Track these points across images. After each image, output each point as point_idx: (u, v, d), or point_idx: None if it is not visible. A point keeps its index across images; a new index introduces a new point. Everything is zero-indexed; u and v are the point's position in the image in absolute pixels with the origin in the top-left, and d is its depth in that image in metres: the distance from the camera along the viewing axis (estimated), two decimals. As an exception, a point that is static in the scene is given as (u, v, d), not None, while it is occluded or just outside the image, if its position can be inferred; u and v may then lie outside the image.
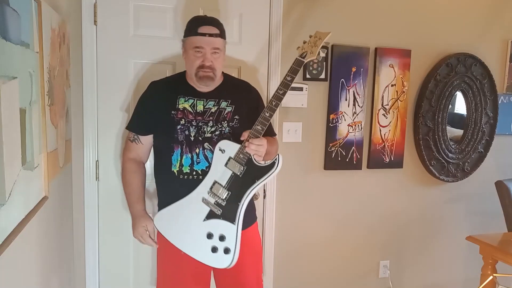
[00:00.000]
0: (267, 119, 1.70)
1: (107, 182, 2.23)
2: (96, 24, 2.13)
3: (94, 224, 2.23)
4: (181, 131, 1.77)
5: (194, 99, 1.81)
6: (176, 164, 1.78)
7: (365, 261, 2.78)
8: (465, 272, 3.04)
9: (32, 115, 1.26)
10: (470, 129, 2.88)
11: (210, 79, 1.76)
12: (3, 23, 0.98)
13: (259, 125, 1.69)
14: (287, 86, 1.71)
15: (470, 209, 2.99)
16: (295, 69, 1.72)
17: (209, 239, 1.69)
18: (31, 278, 1.35)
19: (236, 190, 1.70)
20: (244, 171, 1.70)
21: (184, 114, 1.78)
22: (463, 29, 2.80)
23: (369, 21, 2.58)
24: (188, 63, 1.79)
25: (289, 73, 1.71)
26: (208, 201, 1.71)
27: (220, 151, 1.73)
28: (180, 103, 1.79)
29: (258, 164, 1.71)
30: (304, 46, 1.77)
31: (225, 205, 1.70)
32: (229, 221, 1.70)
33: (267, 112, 1.69)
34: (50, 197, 1.50)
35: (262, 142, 1.69)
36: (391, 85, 2.64)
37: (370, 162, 2.65)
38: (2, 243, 0.98)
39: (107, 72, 2.16)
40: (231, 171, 1.70)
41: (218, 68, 1.77)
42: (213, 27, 1.76)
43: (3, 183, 0.97)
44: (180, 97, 1.80)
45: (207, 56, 1.74)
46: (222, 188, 1.70)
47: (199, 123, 1.78)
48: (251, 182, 1.70)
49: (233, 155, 1.71)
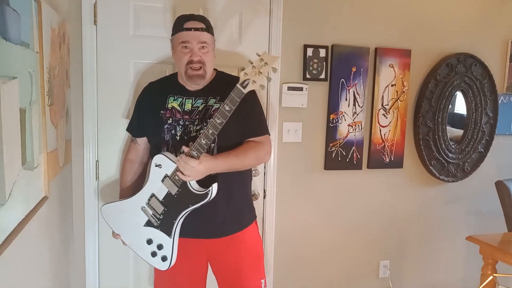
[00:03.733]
0: (209, 138, 1.57)
1: (107, 182, 2.23)
2: (96, 24, 2.13)
3: (94, 224, 2.23)
4: (167, 130, 1.76)
5: (183, 97, 1.79)
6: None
7: (365, 261, 2.78)
8: (465, 272, 3.04)
9: (32, 115, 1.26)
10: (470, 129, 2.88)
11: (199, 77, 1.73)
12: (3, 23, 0.98)
13: (203, 138, 1.57)
14: (224, 116, 1.55)
15: (470, 209, 2.99)
16: (233, 99, 1.55)
17: (148, 245, 1.73)
18: (31, 278, 1.35)
19: (172, 208, 1.67)
20: (179, 193, 1.64)
21: (172, 113, 1.77)
22: (463, 29, 2.80)
23: (369, 21, 2.58)
24: (177, 60, 1.78)
25: (227, 101, 1.54)
26: (146, 211, 1.72)
27: (157, 167, 1.67)
28: (169, 102, 1.79)
29: (191, 190, 1.62)
30: (247, 72, 1.55)
31: (162, 218, 1.69)
32: (165, 233, 1.70)
33: (203, 140, 1.56)
34: (50, 197, 1.50)
35: (194, 165, 1.55)
36: (391, 85, 2.64)
37: (370, 162, 2.65)
38: (2, 243, 0.98)
39: (107, 72, 2.16)
40: (167, 189, 1.66)
41: (207, 62, 1.74)
42: (198, 22, 1.75)
43: (3, 183, 0.97)
44: (170, 96, 1.80)
45: (194, 51, 1.72)
46: (158, 203, 1.68)
47: (186, 122, 1.75)
48: (186, 205, 1.64)
49: (170, 173, 1.65)
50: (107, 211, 1.83)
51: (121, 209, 1.79)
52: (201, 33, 1.73)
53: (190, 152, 1.57)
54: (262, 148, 1.79)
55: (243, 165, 1.73)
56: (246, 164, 1.73)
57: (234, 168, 1.69)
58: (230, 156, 1.67)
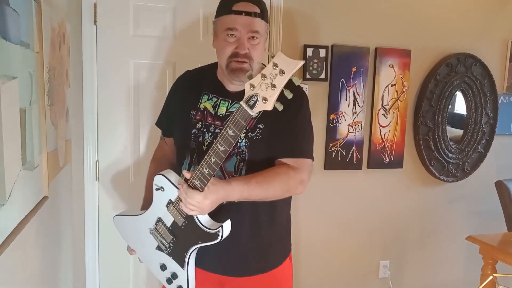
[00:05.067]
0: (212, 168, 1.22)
1: (107, 182, 2.23)
2: (96, 24, 2.13)
3: (94, 224, 2.23)
4: (194, 136, 1.44)
5: (218, 98, 1.45)
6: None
7: (365, 261, 2.78)
8: (465, 272, 3.04)
9: (32, 115, 1.26)
10: (470, 129, 2.88)
11: (244, 72, 1.34)
12: (3, 23, 0.97)
13: (206, 167, 1.22)
14: (229, 143, 1.19)
15: (470, 209, 2.99)
16: (238, 122, 1.16)
17: (162, 270, 1.45)
18: (31, 278, 1.35)
19: (181, 239, 1.36)
20: (186, 225, 1.33)
21: (203, 116, 1.45)
22: (463, 29, 2.80)
23: (369, 21, 2.58)
24: (219, 51, 1.43)
25: (231, 124, 1.17)
26: (155, 235, 1.43)
27: (158, 190, 1.37)
28: (202, 102, 1.47)
29: (199, 225, 1.30)
30: (255, 83, 1.12)
31: (172, 247, 1.39)
32: (178, 263, 1.40)
33: (205, 169, 1.22)
34: (50, 197, 1.50)
35: (198, 199, 1.22)
36: (391, 85, 2.64)
37: (370, 162, 2.65)
38: (2, 243, 0.98)
39: (107, 72, 2.16)
40: (173, 217, 1.36)
41: (256, 58, 1.39)
42: (251, 4, 1.38)
43: (3, 183, 0.97)
44: (204, 94, 1.48)
45: (242, 42, 1.36)
46: (166, 230, 1.38)
47: (216, 130, 1.42)
48: (195, 241, 1.32)
49: (174, 199, 1.34)
50: (120, 224, 1.56)
51: (132, 225, 1.50)
52: (254, 19, 1.37)
53: (193, 182, 1.25)
54: (294, 177, 1.37)
55: (265, 196, 1.34)
56: (269, 195, 1.34)
57: (253, 199, 1.32)
58: (249, 184, 1.29)
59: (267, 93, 1.11)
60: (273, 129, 1.37)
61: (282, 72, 1.09)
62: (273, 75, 1.10)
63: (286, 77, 1.09)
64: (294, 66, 1.08)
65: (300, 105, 1.41)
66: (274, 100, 1.11)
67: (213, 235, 1.28)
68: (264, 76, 1.11)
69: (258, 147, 1.37)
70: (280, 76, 1.09)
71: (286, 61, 1.09)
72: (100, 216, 2.23)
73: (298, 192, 1.41)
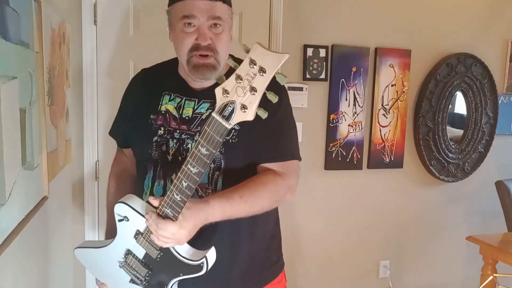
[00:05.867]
0: (184, 193, 0.99)
1: (107, 182, 2.22)
2: (96, 24, 2.13)
3: (94, 224, 2.23)
4: (157, 145, 1.23)
5: (181, 98, 1.25)
6: (147, 191, 1.26)
7: (365, 261, 2.78)
8: (465, 272, 3.03)
9: (32, 115, 1.25)
10: (470, 129, 2.88)
11: (209, 68, 1.16)
12: (3, 23, 0.97)
13: (177, 193, 0.99)
14: (202, 163, 0.96)
15: (470, 209, 2.99)
16: (212, 138, 0.93)
17: None
18: (31, 278, 1.35)
19: (158, 273, 1.14)
20: (162, 257, 1.11)
21: (165, 120, 1.24)
22: (463, 29, 2.80)
23: (369, 21, 2.58)
24: (176, 44, 1.22)
25: (203, 141, 0.94)
26: (126, 269, 1.19)
27: (121, 221, 1.13)
28: (164, 103, 1.26)
29: (177, 257, 1.09)
30: (228, 88, 0.89)
31: (148, 281, 1.16)
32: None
33: (176, 195, 0.99)
34: (50, 197, 1.50)
35: (172, 231, 1.00)
36: (391, 85, 2.64)
37: (370, 162, 2.65)
38: (2, 243, 0.98)
39: (107, 72, 2.16)
40: (144, 250, 1.13)
41: (221, 50, 1.17)
42: None
43: (3, 183, 0.97)
44: (165, 94, 1.27)
45: (203, 31, 1.15)
46: (138, 264, 1.15)
47: (182, 135, 1.21)
48: (175, 273, 1.11)
49: (142, 229, 1.10)
50: (82, 257, 1.30)
51: (97, 258, 1.25)
52: (214, 2, 1.15)
53: (163, 210, 1.02)
54: (283, 184, 1.19)
55: (251, 211, 1.15)
56: (256, 210, 1.15)
57: (238, 215, 1.12)
58: (232, 199, 1.09)
59: (246, 100, 0.88)
60: (251, 130, 1.13)
61: (262, 71, 0.85)
62: (251, 75, 0.87)
63: (268, 77, 0.86)
64: (277, 61, 0.85)
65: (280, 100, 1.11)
66: (256, 107, 0.89)
67: (196, 267, 1.07)
68: (239, 78, 0.87)
69: (235, 152, 1.17)
70: (260, 76, 0.86)
71: (266, 55, 0.85)
72: (100, 216, 2.23)
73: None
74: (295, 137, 1.31)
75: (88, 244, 1.30)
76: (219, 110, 0.91)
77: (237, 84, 0.88)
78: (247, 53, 0.86)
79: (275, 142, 1.22)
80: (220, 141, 0.93)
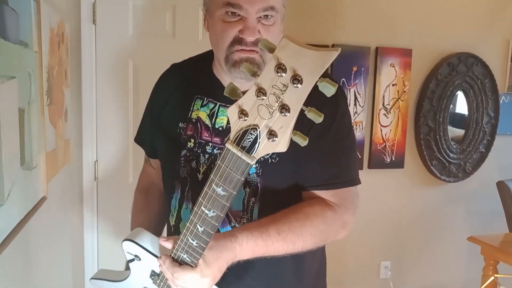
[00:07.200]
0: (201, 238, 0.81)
1: (106, 182, 2.22)
2: (95, 23, 2.12)
3: (93, 224, 2.22)
4: (186, 160, 1.03)
5: (215, 103, 1.03)
6: (174, 213, 1.08)
7: (366, 262, 2.77)
8: (466, 272, 3.03)
9: (31, 115, 1.25)
10: (471, 129, 2.87)
11: (253, 65, 0.93)
12: (1, 22, 0.97)
13: (192, 238, 0.81)
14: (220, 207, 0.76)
15: (471, 209, 2.98)
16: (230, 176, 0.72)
17: None
18: (30, 278, 1.34)
19: None
20: None
21: (196, 130, 1.03)
22: (464, 28, 2.79)
23: (369, 21, 2.57)
24: (214, 36, 0.99)
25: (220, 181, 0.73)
26: None
27: (134, 258, 0.97)
28: (195, 109, 1.04)
29: None
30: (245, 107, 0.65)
31: None
32: None
33: (191, 240, 0.82)
34: (49, 197, 1.49)
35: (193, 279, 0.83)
36: (392, 85, 2.63)
37: (371, 162, 2.64)
38: (1, 244, 0.97)
39: (106, 72, 2.15)
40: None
41: None
42: None
43: (1, 183, 0.96)
44: (197, 98, 1.05)
45: (250, 23, 0.92)
46: None
47: (215, 150, 1.01)
48: None
49: (158, 271, 0.94)
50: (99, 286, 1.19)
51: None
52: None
53: (178, 255, 0.85)
54: (335, 220, 0.99)
55: (289, 251, 0.93)
56: (295, 249, 0.93)
57: (273, 254, 0.92)
58: (266, 235, 0.89)
59: (274, 122, 0.63)
60: (297, 147, 0.73)
61: (297, 80, 0.58)
62: (280, 87, 0.60)
63: (306, 89, 0.59)
64: (321, 63, 0.58)
65: (336, 107, 0.93)
66: (290, 133, 0.64)
67: None
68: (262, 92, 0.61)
69: (275, 174, 0.95)
70: (294, 88, 0.59)
71: (302, 55, 0.58)
72: (98, 216, 2.22)
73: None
74: (353, 157, 1.06)
75: (104, 275, 1.16)
76: (235, 138, 0.67)
77: (259, 101, 0.62)
78: (271, 53, 0.59)
79: (328, 163, 0.99)
80: (241, 180, 0.71)
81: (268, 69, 0.60)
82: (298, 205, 0.96)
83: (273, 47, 0.59)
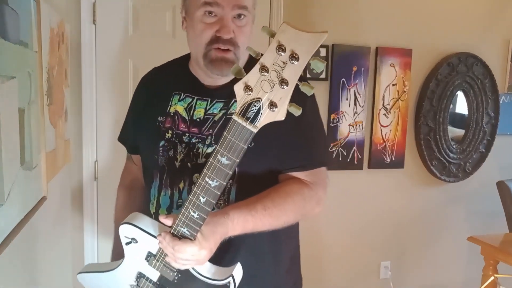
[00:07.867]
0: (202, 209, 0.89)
1: (106, 182, 2.21)
2: (95, 23, 2.12)
3: (93, 224, 2.22)
4: (164, 149, 1.12)
5: (193, 97, 1.13)
6: (153, 201, 1.16)
7: (366, 262, 2.77)
8: (466, 272, 3.03)
9: (31, 115, 1.25)
10: (471, 129, 2.87)
11: (228, 64, 1.04)
12: (1, 22, 0.97)
13: (193, 210, 0.89)
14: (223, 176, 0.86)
15: (471, 209, 2.98)
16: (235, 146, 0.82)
17: None
18: (30, 278, 1.34)
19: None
20: (179, 279, 1.00)
21: (174, 122, 1.13)
22: (464, 28, 2.79)
23: (369, 21, 2.57)
24: (192, 36, 1.10)
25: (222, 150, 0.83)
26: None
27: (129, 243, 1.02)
28: (173, 104, 1.15)
29: (199, 278, 0.97)
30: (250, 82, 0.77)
31: None
32: None
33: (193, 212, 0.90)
34: (49, 197, 1.49)
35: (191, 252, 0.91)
36: (392, 85, 2.63)
37: (371, 162, 2.65)
38: (1, 244, 0.97)
39: (106, 72, 2.15)
40: (159, 272, 1.02)
41: (242, 45, 1.08)
42: None
43: (1, 183, 0.96)
44: (175, 94, 1.16)
45: (225, 22, 1.03)
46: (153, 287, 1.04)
47: (192, 139, 1.10)
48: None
49: (155, 251, 1.00)
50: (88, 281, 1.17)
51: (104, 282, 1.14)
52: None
53: (178, 230, 0.92)
54: (311, 196, 1.09)
55: (274, 225, 1.04)
56: (279, 223, 1.05)
57: (259, 230, 1.02)
58: (254, 211, 0.99)
59: (275, 95, 0.75)
60: (271, 133, 0.87)
61: (294, 58, 0.72)
62: (280, 64, 0.73)
63: (302, 65, 0.73)
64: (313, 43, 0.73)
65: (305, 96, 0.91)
66: (288, 104, 0.76)
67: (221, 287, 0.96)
68: (265, 69, 0.73)
69: (251, 158, 0.95)
70: (291, 64, 0.73)
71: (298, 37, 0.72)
72: (98, 216, 2.22)
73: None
74: (323, 140, 1.19)
75: (92, 268, 1.19)
76: (241, 111, 0.78)
77: (262, 77, 0.75)
78: (272, 37, 0.71)
79: (300, 146, 1.09)
80: (244, 148, 0.82)
81: (270, 50, 0.74)
82: (279, 184, 1.08)
83: (274, 32, 0.73)
